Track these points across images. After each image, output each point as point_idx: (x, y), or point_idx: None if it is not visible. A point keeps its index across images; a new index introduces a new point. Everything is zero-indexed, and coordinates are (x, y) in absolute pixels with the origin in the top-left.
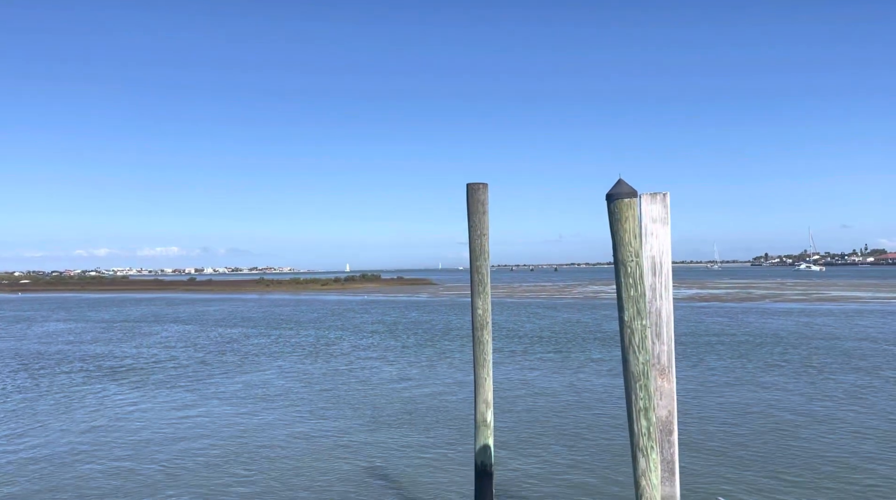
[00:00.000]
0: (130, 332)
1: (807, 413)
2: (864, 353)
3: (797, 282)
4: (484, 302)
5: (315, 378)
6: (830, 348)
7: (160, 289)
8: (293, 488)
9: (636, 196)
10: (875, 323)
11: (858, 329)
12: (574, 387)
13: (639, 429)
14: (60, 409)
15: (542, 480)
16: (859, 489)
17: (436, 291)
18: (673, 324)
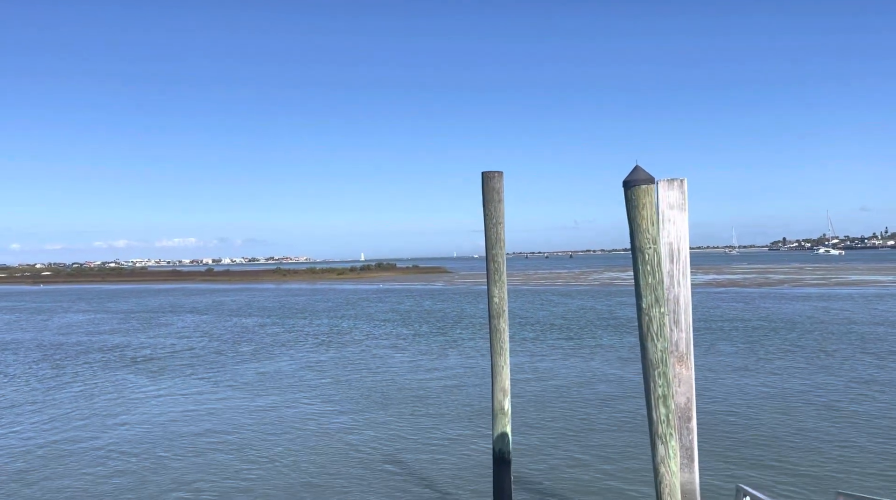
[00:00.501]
0: (148, 322)
1: (820, 399)
2: (880, 337)
3: (816, 266)
4: (500, 290)
5: (327, 367)
6: (845, 333)
7: (178, 280)
8: (309, 473)
9: (653, 183)
10: (894, 307)
11: (876, 314)
12: (585, 374)
13: (657, 416)
14: (81, 398)
15: (558, 468)
16: (873, 475)
17: (451, 279)
18: (691, 311)
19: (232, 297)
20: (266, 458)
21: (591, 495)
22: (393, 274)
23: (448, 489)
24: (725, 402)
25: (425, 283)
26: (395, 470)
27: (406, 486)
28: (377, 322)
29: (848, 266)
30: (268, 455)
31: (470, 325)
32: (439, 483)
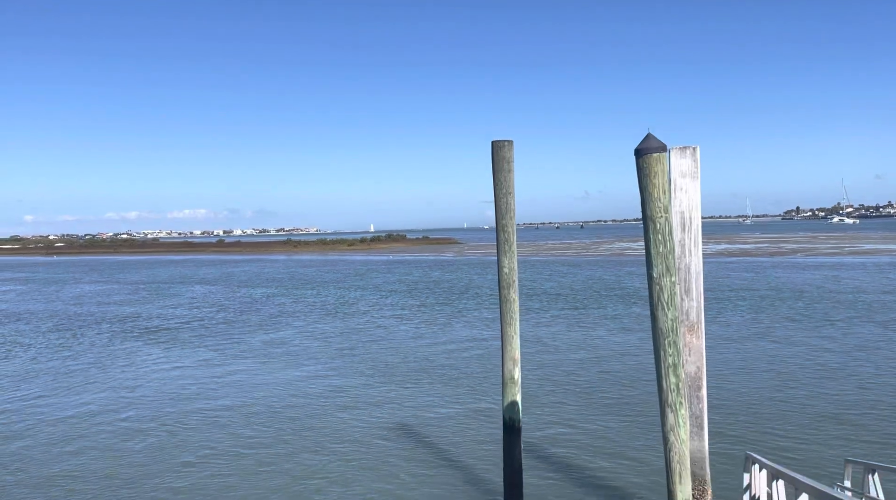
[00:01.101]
0: (159, 293)
1: (825, 368)
2: (887, 305)
3: (829, 235)
4: (510, 261)
5: (333, 337)
6: (853, 302)
7: (190, 251)
8: (317, 440)
9: (665, 151)
10: None
11: (886, 282)
12: (589, 344)
13: (667, 385)
14: (94, 368)
15: (566, 436)
16: (879, 442)
17: (461, 250)
18: (702, 280)
19: (242, 268)
20: (274, 426)
21: (601, 462)
22: (403, 245)
23: (457, 457)
24: (733, 370)
25: (435, 254)
26: (403, 438)
27: (415, 454)
28: (384, 293)
29: (862, 235)
30: (276, 423)
31: (476, 295)
32: (448, 451)
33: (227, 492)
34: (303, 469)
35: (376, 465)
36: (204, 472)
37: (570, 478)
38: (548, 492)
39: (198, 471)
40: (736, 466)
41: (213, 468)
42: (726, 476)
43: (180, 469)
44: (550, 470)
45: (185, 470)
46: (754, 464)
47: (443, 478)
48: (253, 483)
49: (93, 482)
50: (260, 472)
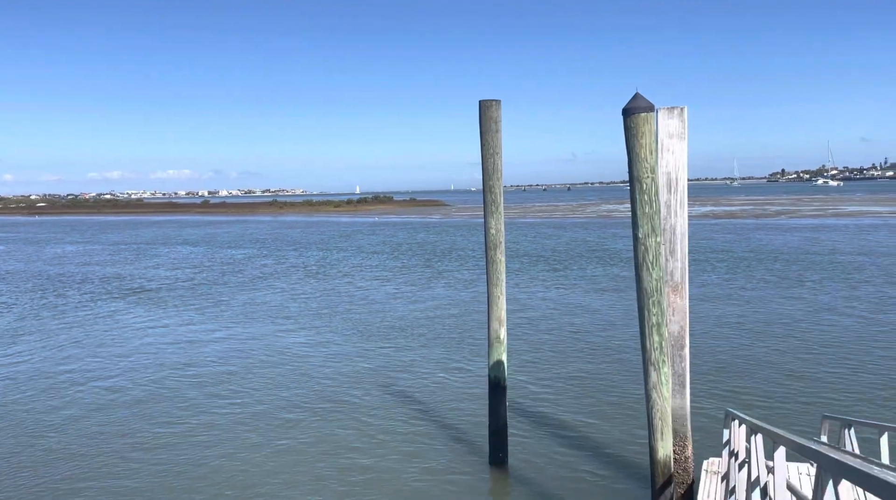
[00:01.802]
0: (140, 253)
1: (799, 327)
2: (860, 267)
3: (814, 198)
4: (497, 222)
5: (314, 297)
6: (828, 263)
7: (174, 211)
8: (299, 400)
9: (653, 111)
10: (883, 238)
11: (864, 244)
12: (566, 304)
13: (651, 344)
14: (73, 328)
15: (548, 395)
16: (853, 397)
17: (448, 212)
18: (687, 241)
19: (226, 229)
20: (251, 385)
21: (584, 419)
22: (390, 207)
23: (440, 415)
24: (712, 330)
25: (422, 216)
26: (384, 396)
27: (397, 412)
28: (367, 254)
29: (845, 197)
30: (253, 382)
31: (458, 257)
32: (431, 409)
33: (202, 450)
34: (279, 428)
35: (357, 423)
36: (179, 429)
37: (554, 436)
38: (532, 449)
39: (173, 430)
40: (717, 423)
41: (189, 426)
42: (707, 433)
43: (156, 430)
44: (534, 428)
45: (161, 430)
46: (734, 420)
47: (426, 436)
48: (228, 441)
49: (74, 439)
50: (235, 429)
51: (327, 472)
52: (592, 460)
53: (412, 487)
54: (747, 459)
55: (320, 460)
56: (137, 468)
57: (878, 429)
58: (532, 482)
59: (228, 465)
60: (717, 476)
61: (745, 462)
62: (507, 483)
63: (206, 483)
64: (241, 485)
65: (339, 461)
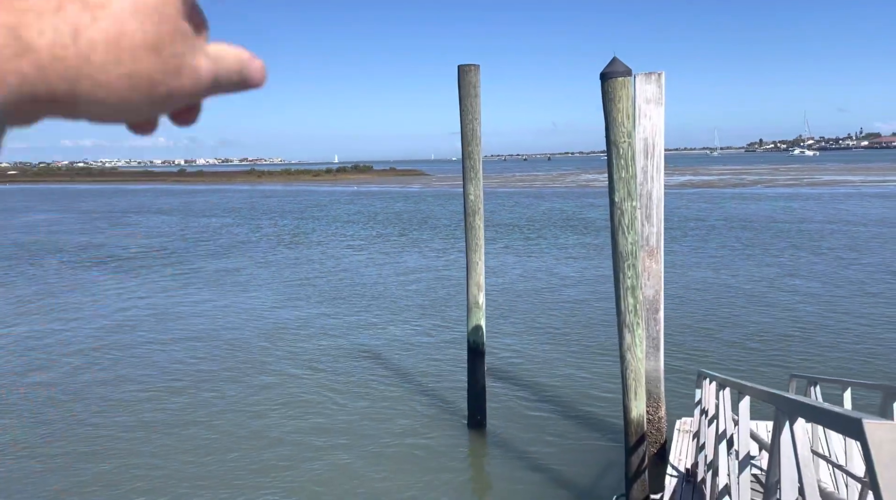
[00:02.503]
0: (113, 222)
1: (764, 291)
2: (825, 235)
3: (790, 167)
4: (476, 188)
5: (286, 266)
6: (796, 232)
7: (150, 180)
8: (273, 365)
9: (630, 75)
10: (853, 207)
11: (833, 212)
12: (539, 271)
13: (625, 306)
14: (44, 296)
15: (524, 359)
16: (819, 358)
17: (428, 181)
18: (663, 207)
19: (202, 198)
20: (220, 352)
21: (559, 383)
22: (369, 176)
23: (417, 380)
24: (683, 294)
25: (402, 185)
26: (359, 362)
27: (373, 378)
28: (342, 223)
29: (821, 167)
30: (222, 350)
31: (434, 226)
32: (406, 374)
33: (172, 414)
34: (250, 391)
35: (332, 388)
36: (143, 394)
37: (530, 398)
38: (509, 411)
39: (137, 396)
40: (691, 385)
41: (158, 393)
42: (681, 395)
43: (121, 397)
44: (511, 391)
45: (126, 396)
46: (705, 378)
47: (404, 400)
48: (196, 408)
49: (38, 405)
50: (201, 395)
51: (302, 436)
52: (568, 421)
53: (390, 451)
54: (716, 414)
55: (295, 423)
56: (101, 433)
57: (841, 385)
58: (509, 444)
59: (196, 431)
60: (689, 435)
61: (713, 418)
62: (485, 445)
63: (175, 450)
64: (213, 450)
65: (315, 425)
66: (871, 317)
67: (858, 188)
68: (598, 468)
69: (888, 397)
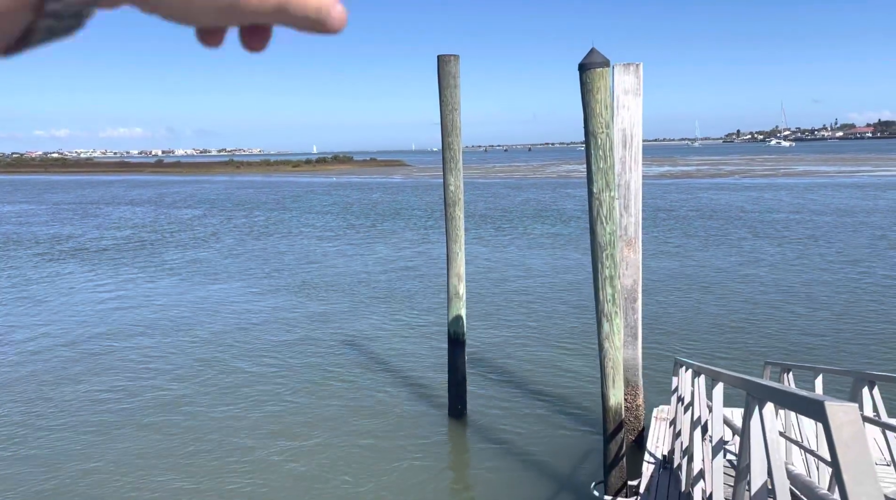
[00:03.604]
0: (84, 214)
1: (735, 278)
2: (789, 224)
3: (767, 158)
4: (456, 179)
5: (255, 257)
6: (761, 221)
7: (126, 171)
8: (249, 353)
9: (608, 66)
10: (822, 196)
11: (802, 203)
12: (516, 261)
13: (604, 296)
14: (10, 288)
15: (503, 347)
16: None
17: (409, 172)
18: (641, 197)
19: (177, 189)
20: (195, 347)
21: (539, 371)
22: (350, 167)
23: (396, 370)
24: (660, 283)
25: (383, 176)
26: (340, 353)
27: (355, 367)
28: (314, 214)
29: (797, 157)
30: (196, 343)
31: (407, 217)
32: (385, 364)
33: (136, 412)
34: (222, 387)
35: (311, 380)
36: (113, 385)
37: (510, 387)
38: (489, 400)
39: (99, 392)
40: (667, 374)
41: (119, 389)
42: (659, 383)
43: (89, 387)
44: (491, 380)
45: (87, 392)
46: (682, 367)
47: (383, 390)
48: (165, 405)
49: (5, 401)
50: (171, 392)
51: (279, 427)
52: (547, 409)
53: (370, 441)
54: (692, 401)
55: (270, 416)
56: (61, 432)
57: (813, 371)
58: (490, 433)
59: (166, 428)
60: (666, 422)
61: (689, 405)
62: (466, 434)
63: (144, 447)
64: (182, 447)
65: (294, 417)
66: (840, 304)
67: (832, 178)
68: (576, 456)
69: (858, 383)
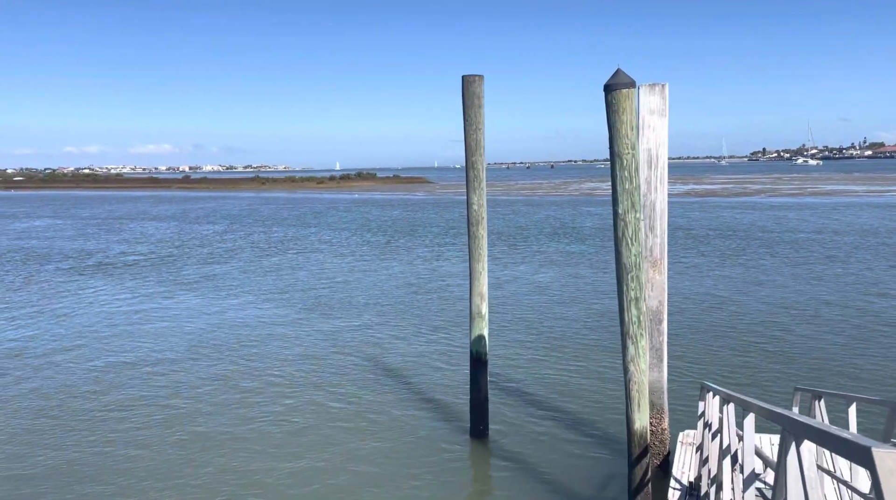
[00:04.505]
0: (108, 229)
1: (764, 302)
2: (809, 244)
3: (794, 176)
4: (479, 197)
5: (270, 273)
6: (779, 241)
7: (154, 187)
8: (269, 369)
9: (634, 87)
10: (847, 216)
11: (825, 222)
12: (537, 279)
13: (629, 318)
14: (35, 301)
15: (526, 368)
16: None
17: (432, 189)
18: (667, 217)
19: (201, 205)
20: (209, 360)
21: (563, 393)
22: (373, 184)
23: (418, 389)
24: (683, 305)
25: (406, 193)
26: (360, 371)
27: (376, 386)
28: (333, 231)
29: (824, 176)
30: (215, 359)
31: (424, 234)
32: (406, 382)
33: (164, 427)
34: (240, 401)
35: (329, 400)
36: (128, 403)
37: (533, 408)
38: (512, 421)
39: (120, 403)
40: (694, 398)
41: (139, 402)
42: (684, 406)
43: (104, 403)
44: (514, 401)
45: (109, 403)
46: (708, 392)
47: (405, 409)
48: (188, 421)
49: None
50: (192, 408)
51: (300, 448)
52: (570, 432)
53: (391, 460)
54: (720, 429)
55: (296, 434)
56: (86, 442)
57: (846, 399)
58: (511, 454)
59: (190, 444)
60: (692, 447)
61: (717, 432)
62: (487, 456)
63: (169, 462)
64: (203, 461)
65: (311, 437)
66: (867, 328)
67: (861, 198)
68: (600, 480)
69: (894, 413)
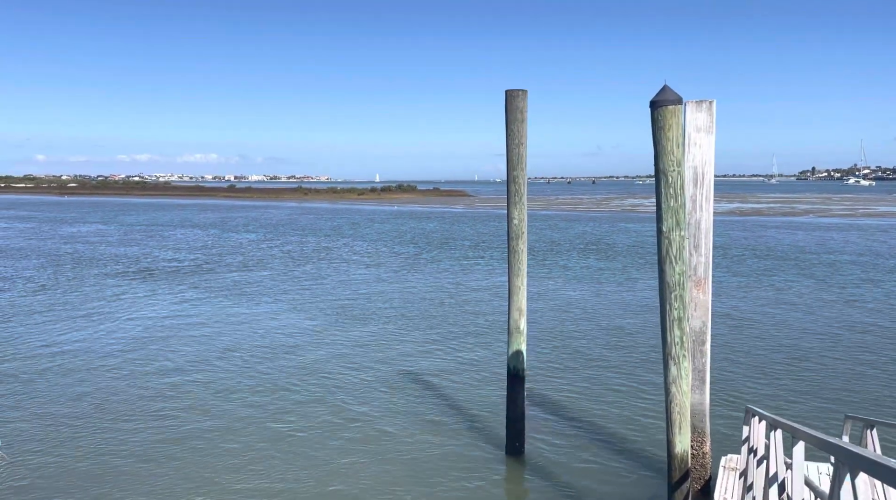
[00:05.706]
0: (151, 235)
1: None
2: (850, 268)
3: (845, 197)
4: (520, 212)
5: (304, 281)
6: (818, 263)
7: (201, 195)
8: (304, 379)
9: (681, 104)
10: (891, 239)
11: (871, 245)
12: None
13: (672, 338)
14: (74, 303)
15: (565, 385)
16: (875, 398)
17: (471, 202)
18: (712, 236)
19: (243, 214)
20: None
21: (602, 412)
22: (413, 196)
23: (453, 403)
24: (728, 325)
25: (445, 206)
26: (397, 384)
27: (413, 400)
28: (366, 242)
29: (877, 197)
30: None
31: (456, 247)
32: (441, 397)
33: (195, 420)
34: (282, 412)
35: (364, 414)
36: (164, 408)
37: (571, 427)
38: (549, 439)
39: (155, 408)
40: (736, 421)
41: (176, 409)
42: (726, 430)
43: (142, 408)
44: (551, 418)
45: (146, 408)
46: (754, 416)
47: (441, 424)
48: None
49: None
50: (232, 413)
51: (335, 460)
52: (609, 452)
53: (427, 475)
54: (766, 455)
55: (323, 450)
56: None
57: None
58: (548, 473)
59: (223, 451)
60: (735, 473)
61: (763, 458)
62: (523, 473)
63: (209, 470)
64: (241, 474)
65: (343, 453)
66: None
67: None
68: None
69: None
